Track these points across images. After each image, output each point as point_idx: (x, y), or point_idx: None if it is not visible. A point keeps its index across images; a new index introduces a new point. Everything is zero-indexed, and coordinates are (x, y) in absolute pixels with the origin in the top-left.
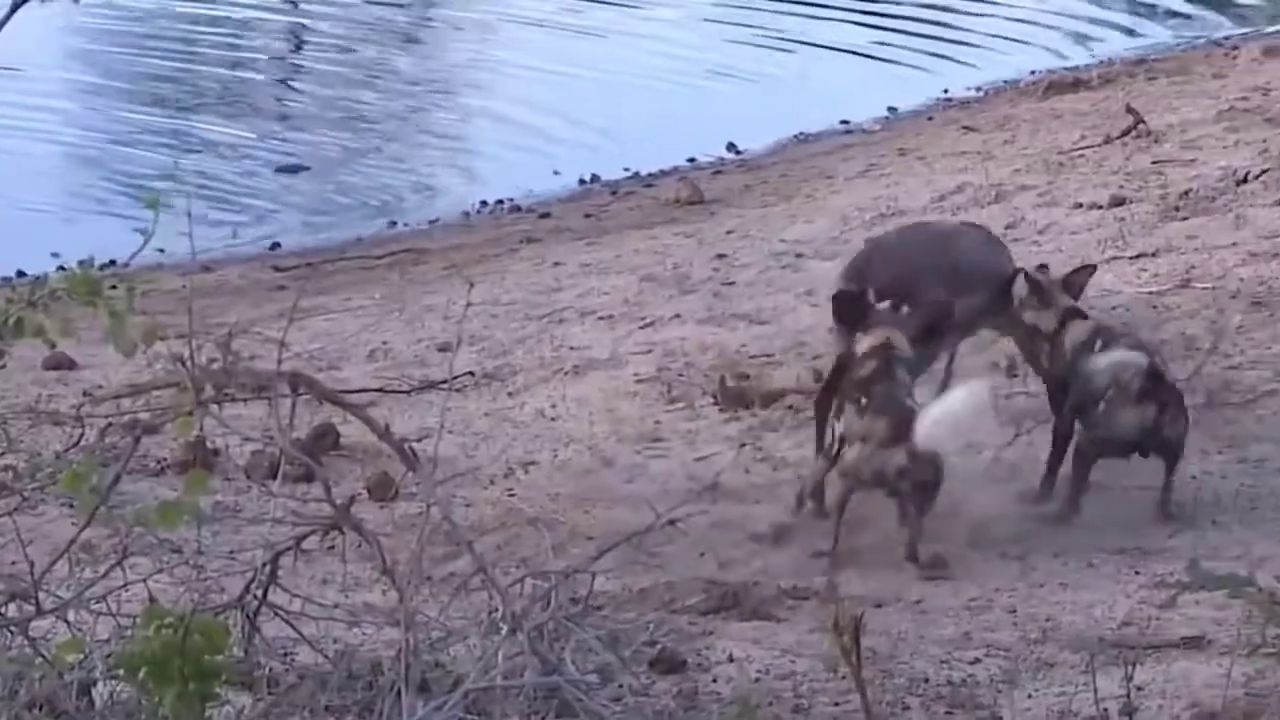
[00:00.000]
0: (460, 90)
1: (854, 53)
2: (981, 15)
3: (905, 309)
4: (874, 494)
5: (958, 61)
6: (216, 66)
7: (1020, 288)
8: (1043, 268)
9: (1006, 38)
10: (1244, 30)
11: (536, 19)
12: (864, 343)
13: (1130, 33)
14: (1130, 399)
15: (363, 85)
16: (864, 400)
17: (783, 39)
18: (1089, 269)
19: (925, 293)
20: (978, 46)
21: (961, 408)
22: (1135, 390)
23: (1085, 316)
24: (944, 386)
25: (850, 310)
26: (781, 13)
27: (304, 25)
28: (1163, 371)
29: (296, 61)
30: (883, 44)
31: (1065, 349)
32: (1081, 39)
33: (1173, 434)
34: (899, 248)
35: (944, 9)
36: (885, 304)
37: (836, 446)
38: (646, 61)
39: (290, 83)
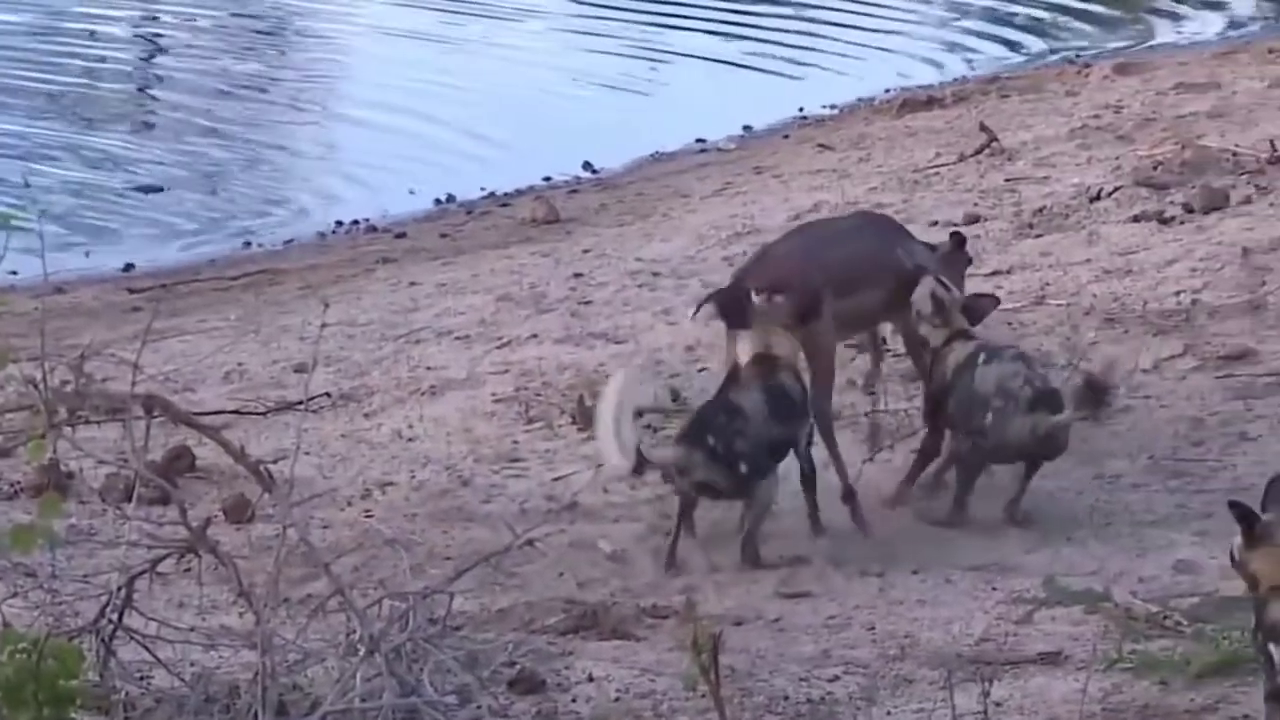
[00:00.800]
0: (316, 108)
1: (711, 68)
2: (836, 33)
3: (780, 298)
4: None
5: (813, 79)
6: (70, 82)
7: (923, 299)
8: (960, 244)
9: (861, 56)
10: (1096, 48)
11: (395, 33)
12: (744, 349)
13: (983, 50)
14: (1021, 408)
15: (218, 103)
16: None
17: (638, 56)
18: (993, 300)
19: (805, 287)
20: (832, 64)
21: (606, 417)
22: (1027, 399)
23: (971, 337)
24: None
25: (731, 307)
26: (637, 27)
27: (159, 40)
28: (1048, 378)
29: (152, 77)
30: (739, 62)
31: (946, 367)
32: (935, 57)
33: (1063, 437)
34: (786, 249)
35: (798, 29)
36: (761, 297)
37: None
38: (503, 78)
39: (145, 100)
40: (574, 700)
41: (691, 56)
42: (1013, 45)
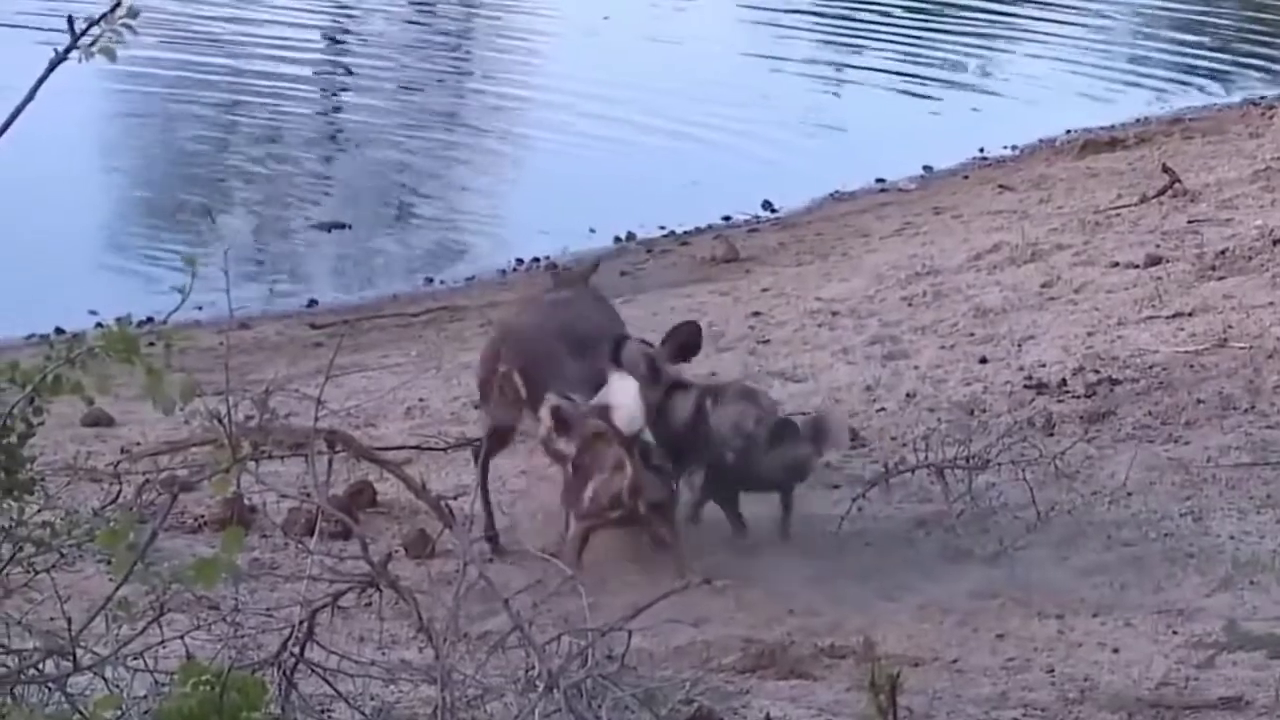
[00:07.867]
0: (497, 147)
1: (891, 107)
2: (1016, 74)
3: None
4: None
5: (993, 119)
6: (255, 123)
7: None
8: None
9: (1042, 96)
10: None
11: (582, 66)
12: None
13: (1166, 92)
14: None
15: (400, 141)
16: None
17: (821, 92)
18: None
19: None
20: (1013, 105)
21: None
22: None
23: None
24: None
25: None
26: (818, 68)
27: (341, 81)
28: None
29: (335, 117)
30: (919, 102)
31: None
32: (1117, 98)
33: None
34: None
35: (979, 69)
36: None
37: None
38: (686, 115)
39: (329, 139)
40: None
41: (872, 95)
42: (1196, 87)
